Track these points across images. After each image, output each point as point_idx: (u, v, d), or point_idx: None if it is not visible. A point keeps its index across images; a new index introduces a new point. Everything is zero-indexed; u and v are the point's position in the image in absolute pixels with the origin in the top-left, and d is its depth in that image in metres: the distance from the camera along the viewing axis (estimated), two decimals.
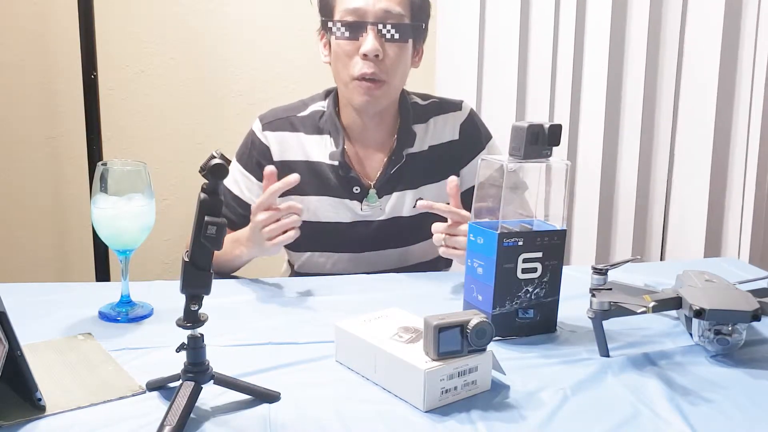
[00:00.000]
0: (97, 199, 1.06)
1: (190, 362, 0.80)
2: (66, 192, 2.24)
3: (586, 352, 0.98)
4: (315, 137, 1.40)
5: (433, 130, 1.43)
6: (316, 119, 1.41)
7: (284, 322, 1.08)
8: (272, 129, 1.40)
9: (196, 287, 0.78)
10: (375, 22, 1.29)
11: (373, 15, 1.29)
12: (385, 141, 1.42)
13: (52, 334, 1.01)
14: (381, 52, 1.29)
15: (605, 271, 1.08)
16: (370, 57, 1.29)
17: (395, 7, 1.30)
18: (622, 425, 0.79)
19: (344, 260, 1.42)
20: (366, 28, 1.29)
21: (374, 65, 1.30)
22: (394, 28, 1.30)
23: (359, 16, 1.29)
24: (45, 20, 2.13)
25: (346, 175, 1.38)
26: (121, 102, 2.19)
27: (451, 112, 1.45)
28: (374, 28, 1.29)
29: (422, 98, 1.46)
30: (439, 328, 0.82)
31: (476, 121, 1.48)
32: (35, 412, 0.79)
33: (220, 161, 0.75)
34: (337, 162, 1.37)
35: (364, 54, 1.29)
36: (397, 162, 1.39)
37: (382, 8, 1.29)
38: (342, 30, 1.30)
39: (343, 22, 1.30)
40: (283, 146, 1.40)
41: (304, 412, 0.81)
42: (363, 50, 1.28)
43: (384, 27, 1.29)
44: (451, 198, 1.24)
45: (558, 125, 1.00)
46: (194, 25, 2.18)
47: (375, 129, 1.40)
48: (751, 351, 1.00)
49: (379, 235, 1.40)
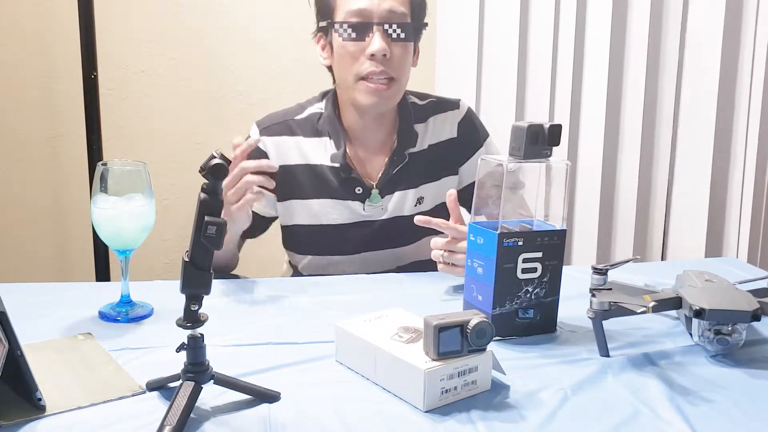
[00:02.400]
0: (97, 199, 1.06)
1: (190, 362, 0.80)
2: (66, 192, 2.24)
3: (586, 352, 0.98)
4: (314, 140, 1.40)
5: (432, 129, 1.44)
6: (314, 122, 1.41)
7: (284, 322, 1.08)
8: (270, 134, 1.40)
9: (196, 287, 0.78)
10: (381, 23, 1.29)
11: (379, 15, 1.29)
12: (385, 141, 1.42)
13: (52, 334, 1.01)
14: (388, 52, 1.29)
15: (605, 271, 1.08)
16: (378, 57, 1.29)
17: (399, 7, 1.31)
18: (622, 425, 0.79)
19: (345, 261, 1.42)
20: (372, 28, 1.29)
21: (381, 65, 1.30)
22: (399, 27, 1.30)
23: (365, 17, 1.29)
24: (45, 20, 2.13)
25: (348, 176, 1.38)
26: (121, 102, 2.19)
27: (449, 111, 1.46)
28: (380, 28, 1.29)
29: (420, 98, 1.47)
30: (439, 328, 0.82)
31: (474, 119, 1.49)
32: (35, 412, 0.79)
33: (220, 161, 0.75)
34: (339, 164, 1.37)
35: (371, 54, 1.29)
36: (400, 162, 1.39)
37: (386, 8, 1.29)
38: (348, 31, 1.30)
39: (349, 23, 1.30)
40: (282, 150, 1.40)
41: (304, 412, 0.81)
42: (371, 50, 1.29)
43: (390, 27, 1.30)
44: (451, 212, 1.23)
45: (558, 125, 1.00)
46: (194, 25, 2.18)
47: (376, 129, 1.41)
48: (751, 351, 1.00)
49: (380, 235, 1.41)
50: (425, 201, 1.43)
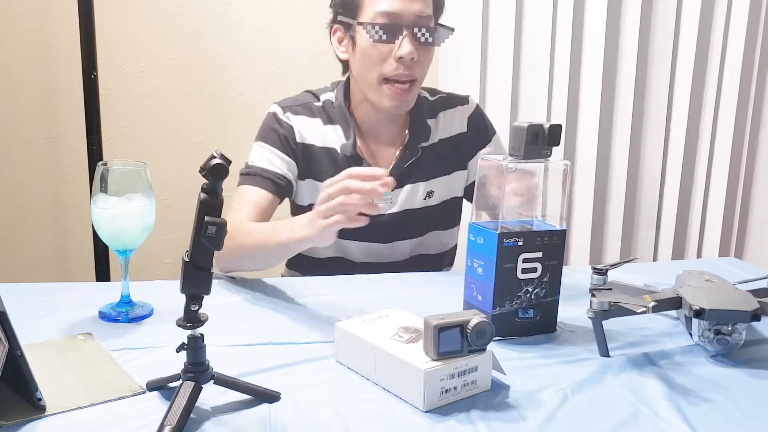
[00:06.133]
0: (97, 199, 1.06)
1: (190, 362, 0.80)
2: (66, 192, 2.24)
3: (586, 352, 0.98)
4: (329, 126, 1.41)
5: (443, 124, 1.46)
6: (329, 109, 1.42)
7: (284, 322, 1.08)
8: (293, 113, 1.41)
9: (196, 287, 0.78)
10: (410, 26, 1.29)
11: (408, 18, 1.29)
12: (396, 136, 1.43)
13: (52, 334, 1.00)
14: (416, 56, 1.30)
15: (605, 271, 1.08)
16: (406, 60, 1.30)
17: (426, 10, 1.32)
18: (622, 425, 0.79)
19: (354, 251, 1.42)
20: (402, 31, 1.29)
21: (408, 68, 1.31)
22: (428, 32, 1.31)
23: (395, 19, 1.29)
24: (45, 20, 2.13)
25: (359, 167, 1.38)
26: (121, 102, 2.19)
27: (459, 106, 1.49)
28: (410, 32, 1.29)
29: (430, 93, 1.49)
30: (439, 328, 0.82)
31: (483, 114, 1.52)
32: (35, 412, 0.79)
33: (220, 161, 0.75)
34: (349, 153, 1.38)
35: (400, 57, 1.29)
36: (413, 155, 1.41)
37: (416, 12, 1.30)
38: (380, 33, 1.30)
39: (380, 24, 1.29)
40: (303, 129, 1.40)
41: (304, 412, 0.81)
42: (400, 53, 1.29)
43: (419, 30, 1.30)
44: None
45: (558, 125, 1.00)
46: (194, 25, 2.18)
47: (388, 124, 1.42)
48: (751, 351, 1.00)
49: (390, 228, 1.41)
50: (434, 195, 1.44)
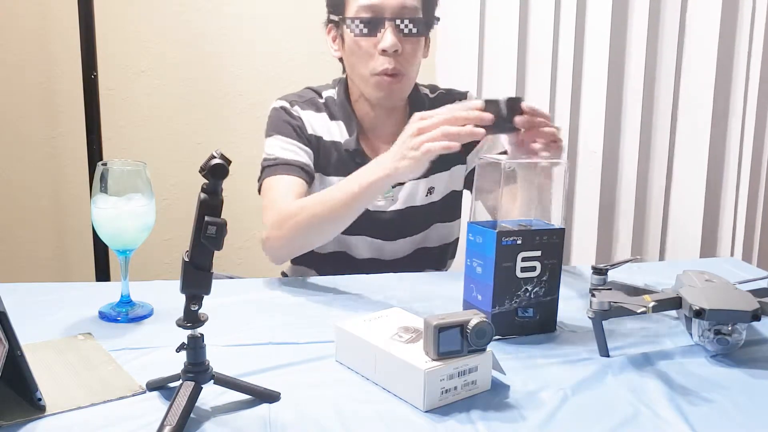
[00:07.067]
0: (97, 199, 1.06)
1: (190, 362, 0.80)
2: (66, 192, 2.24)
3: (586, 352, 0.98)
4: (333, 122, 1.42)
5: None
6: (331, 105, 1.43)
7: (284, 322, 1.08)
8: (301, 107, 1.42)
9: (196, 287, 0.78)
10: (392, 18, 1.29)
11: (390, 10, 1.30)
12: (396, 132, 1.43)
13: (52, 334, 1.00)
14: (400, 47, 1.30)
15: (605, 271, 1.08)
16: (390, 53, 1.30)
17: (410, 1, 1.31)
18: (622, 425, 0.79)
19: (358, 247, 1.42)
20: (384, 23, 1.29)
21: (393, 60, 1.31)
22: (411, 22, 1.31)
23: (376, 12, 1.30)
24: (45, 20, 2.13)
25: (362, 162, 1.38)
26: (121, 102, 2.19)
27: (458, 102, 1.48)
28: (392, 23, 1.29)
29: (430, 90, 1.50)
30: (439, 328, 0.82)
31: None
32: (35, 412, 0.79)
33: (220, 161, 0.75)
34: (352, 149, 1.38)
35: (383, 50, 1.29)
36: None
37: (398, 3, 1.30)
38: (360, 27, 1.30)
39: (360, 18, 1.30)
40: (312, 122, 1.41)
41: (304, 412, 0.81)
42: (382, 46, 1.29)
43: (402, 22, 1.30)
44: None
45: (516, 98, 1.04)
46: (194, 25, 2.18)
47: (387, 121, 1.42)
48: (751, 351, 1.00)
49: (394, 225, 1.42)
50: (435, 191, 1.44)
